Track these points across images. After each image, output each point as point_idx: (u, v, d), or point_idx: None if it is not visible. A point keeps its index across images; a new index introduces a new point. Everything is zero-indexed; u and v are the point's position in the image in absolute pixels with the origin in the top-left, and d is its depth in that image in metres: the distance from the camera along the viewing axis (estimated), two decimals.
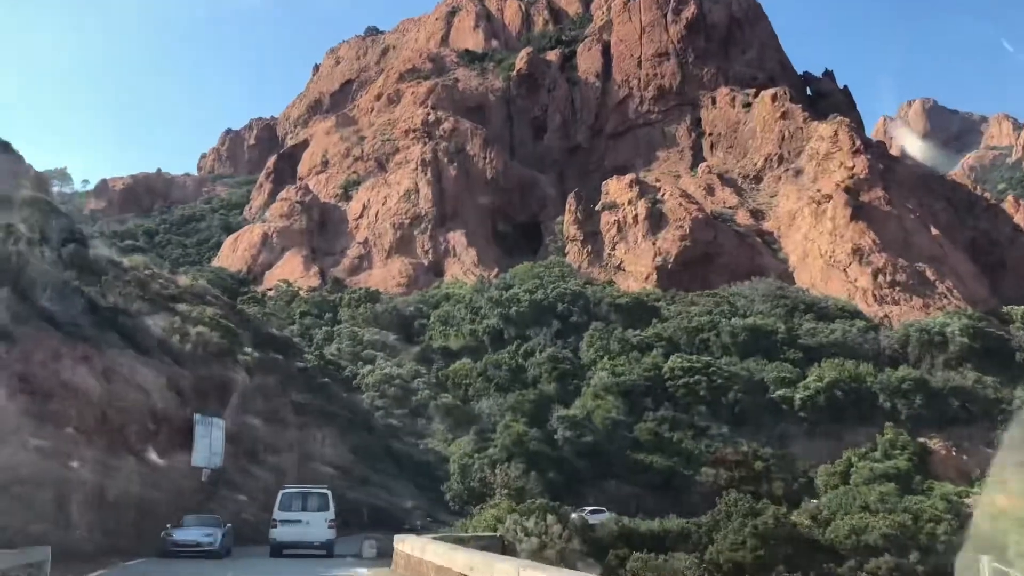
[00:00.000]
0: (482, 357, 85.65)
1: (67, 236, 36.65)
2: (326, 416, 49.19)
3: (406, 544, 15.03)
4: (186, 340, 35.36)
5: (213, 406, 33.47)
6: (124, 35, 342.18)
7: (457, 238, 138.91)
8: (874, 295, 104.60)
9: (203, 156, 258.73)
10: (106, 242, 68.46)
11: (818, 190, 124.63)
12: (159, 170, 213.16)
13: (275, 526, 26.76)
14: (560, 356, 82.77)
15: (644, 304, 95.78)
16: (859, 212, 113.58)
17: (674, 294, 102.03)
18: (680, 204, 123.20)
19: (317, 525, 27.10)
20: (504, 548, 24.21)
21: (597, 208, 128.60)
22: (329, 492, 29.12)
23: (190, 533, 26.47)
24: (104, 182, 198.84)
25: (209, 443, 33.29)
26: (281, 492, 28.29)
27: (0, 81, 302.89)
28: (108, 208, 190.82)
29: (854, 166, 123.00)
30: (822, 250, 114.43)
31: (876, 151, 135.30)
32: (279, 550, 26.74)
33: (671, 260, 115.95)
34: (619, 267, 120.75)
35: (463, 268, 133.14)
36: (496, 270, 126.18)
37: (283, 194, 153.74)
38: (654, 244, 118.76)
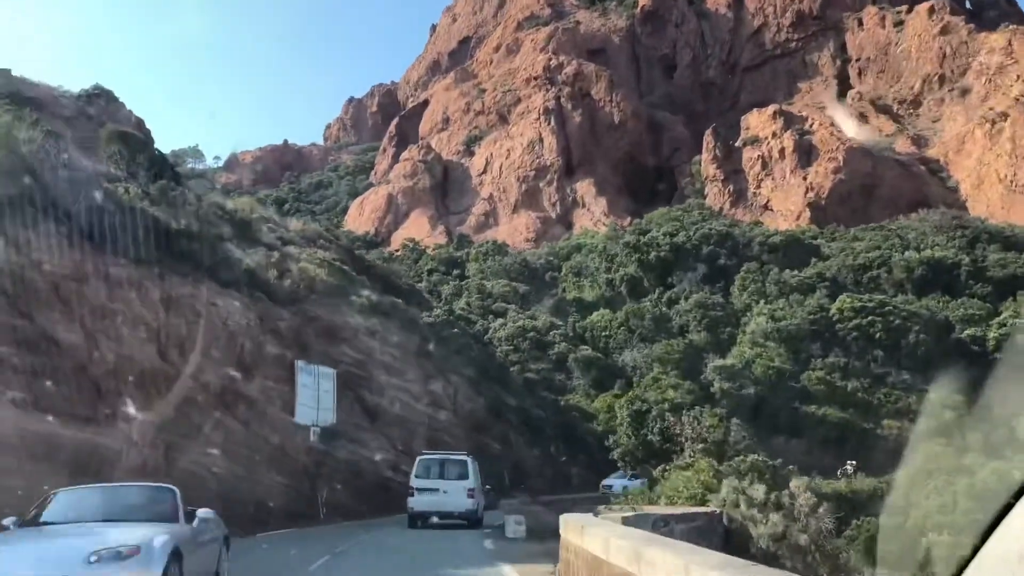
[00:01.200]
0: (620, 308, 78.64)
1: (158, 173, 32.23)
2: (457, 369, 43.72)
3: (587, 536, 8.43)
4: (286, 277, 30.29)
5: (319, 355, 28.27)
6: (249, 10, 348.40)
7: (585, 188, 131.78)
8: None
9: (328, 127, 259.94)
10: (218, 192, 65.02)
11: (991, 108, 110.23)
12: (286, 142, 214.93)
13: (412, 494, 25.38)
14: (709, 302, 74.70)
15: (800, 242, 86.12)
16: None
17: (833, 230, 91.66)
18: (831, 134, 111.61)
19: (456, 494, 25.05)
20: (729, 532, 17.81)
21: (737, 144, 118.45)
22: (469, 459, 26.80)
23: None
24: (234, 156, 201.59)
25: (316, 395, 28.08)
26: (418, 459, 26.78)
27: (131, 61, 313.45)
28: (239, 181, 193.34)
29: None
30: (1001, 174, 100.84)
31: None
32: (415, 520, 25.25)
33: (824, 195, 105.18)
34: (766, 207, 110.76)
35: (593, 219, 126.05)
36: (628, 219, 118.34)
37: (405, 154, 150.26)
38: (804, 179, 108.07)
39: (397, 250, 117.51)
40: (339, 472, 27.52)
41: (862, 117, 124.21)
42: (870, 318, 68.13)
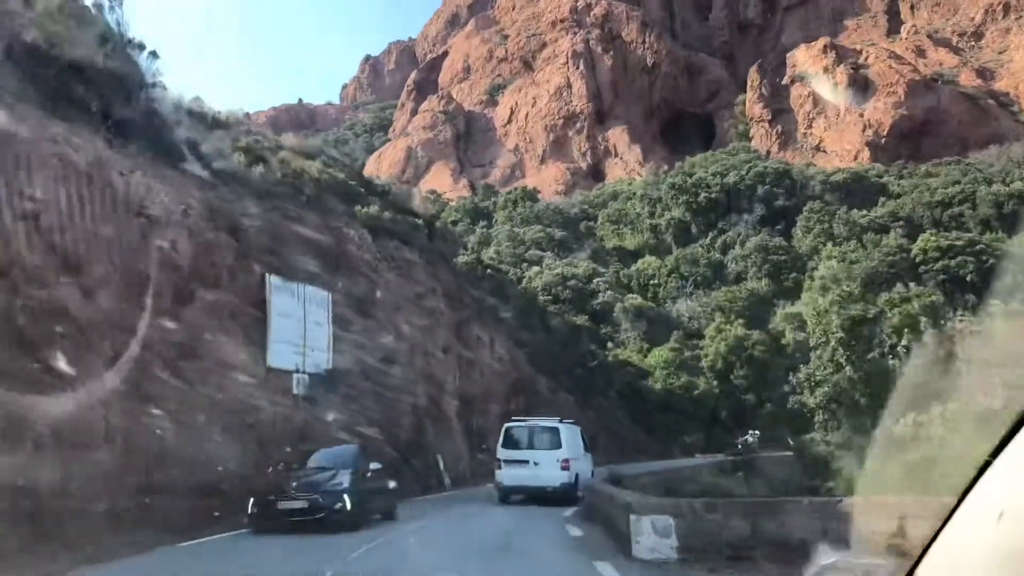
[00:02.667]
0: (666, 256, 70.44)
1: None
2: (492, 315, 35.91)
3: None
4: (257, 164, 22.24)
5: (306, 277, 20.15)
6: None
7: (618, 135, 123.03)
8: None
9: (344, 87, 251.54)
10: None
11: None
12: (300, 100, 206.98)
13: (499, 467, 22.58)
14: (771, 245, 66.24)
15: (866, 180, 77.17)
16: None
17: (901, 167, 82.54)
18: (890, 67, 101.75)
19: (548, 467, 21.82)
20: None
21: (785, 82, 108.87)
22: (563, 425, 23.13)
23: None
24: (247, 115, 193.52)
25: (302, 329, 20.12)
26: (505, 426, 23.68)
27: (144, 19, 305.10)
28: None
29: None
30: None
31: None
32: (506, 496, 22.41)
33: (884, 133, 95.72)
34: (818, 147, 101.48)
35: (626, 168, 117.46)
36: (666, 168, 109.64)
37: (425, 106, 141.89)
38: (861, 116, 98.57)
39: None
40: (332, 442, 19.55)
41: (919, 52, 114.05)
42: (959, 258, 59.48)
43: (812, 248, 66.62)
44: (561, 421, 23.43)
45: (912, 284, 60.03)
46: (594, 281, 62.28)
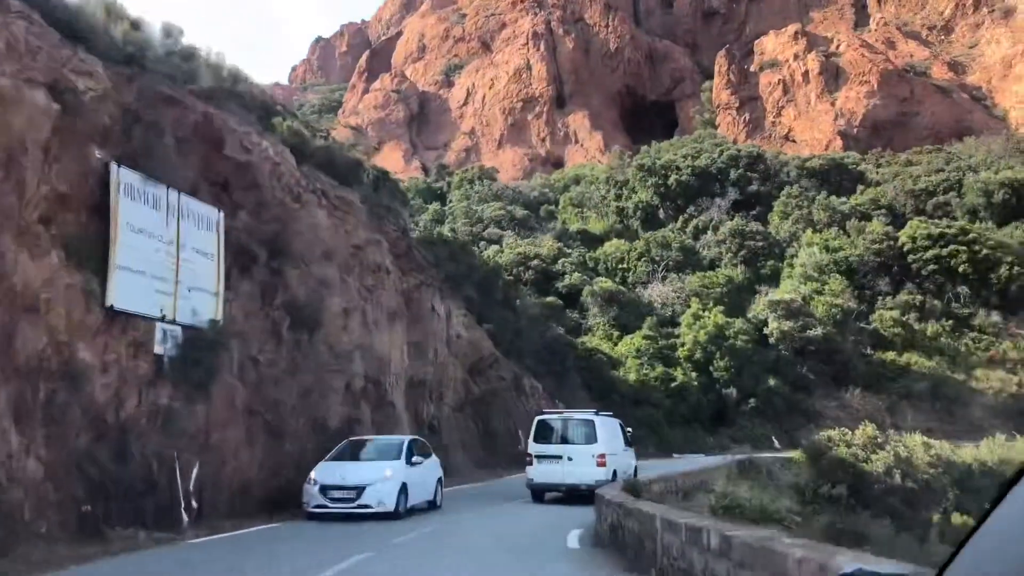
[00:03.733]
0: (634, 240, 65.20)
1: None
2: (452, 283, 29.91)
3: None
4: (121, 24, 15.60)
5: (181, 184, 13.66)
6: None
7: (579, 121, 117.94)
8: None
9: (293, 69, 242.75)
10: None
11: None
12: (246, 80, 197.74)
13: (530, 463, 20.85)
14: (747, 231, 61.41)
15: (842, 166, 72.88)
16: None
17: (879, 154, 78.63)
18: (863, 55, 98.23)
19: (583, 463, 19.98)
20: None
21: (754, 69, 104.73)
22: (598, 418, 21.14)
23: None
24: None
25: (173, 259, 13.97)
26: (536, 419, 22.05)
27: None
28: None
29: None
30: None
31: None
32: (539, 494, 20.83)
33: (857, 122, 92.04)
34: (787, 136, 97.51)
35: (587, 155, 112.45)
36: (629, 154, 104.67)
37: (376, 84, 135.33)
38: (833, 105, 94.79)
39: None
40: (229, 446, 13.32)
41: (890, 43, 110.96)
42: (951, 247, 55.31)
43: (791, 234, 62.00)
44: (597, 413, 21.78)
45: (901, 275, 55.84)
46: (559, 262, 56.72)
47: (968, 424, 47.09)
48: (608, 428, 21.39)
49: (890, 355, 50.03)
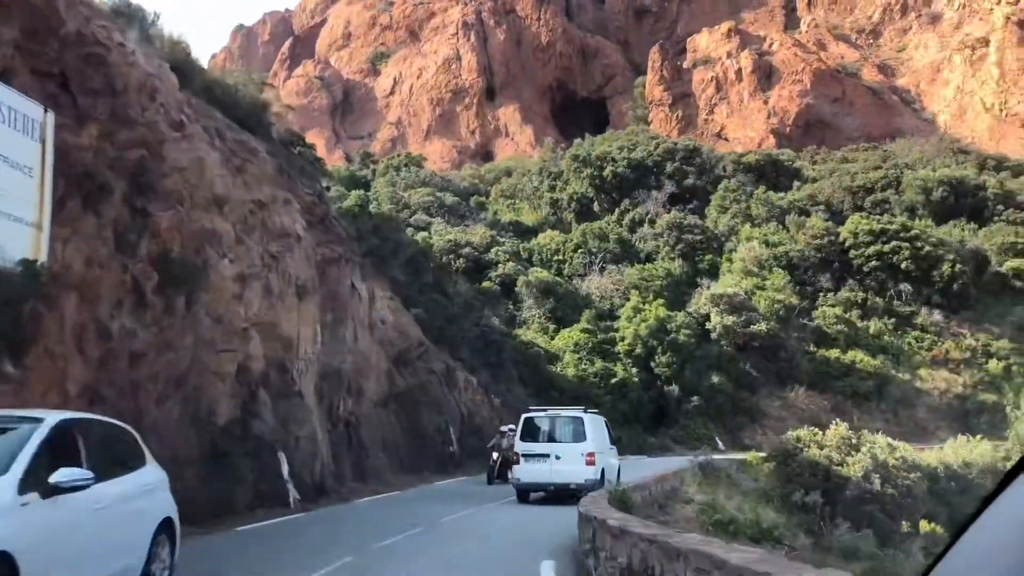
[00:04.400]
0: (569, 232, 62.38)
1: None
2: (376, 261, 26.16)
3: None
4: None
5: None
6: None
7: (509, 114, 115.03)
8: None
9: (213, 57, 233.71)
10: None
11: (968, 34, 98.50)
12: None
13: (516, 461, 20.25)
14: (685, 223, 59.10)
15: (779, 163, 71.43)
16: None
17: (814, 151, 77.62)
18: (795, 55, 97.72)
19: (571, 462, 19.30)
20: None
21: (687, 66, 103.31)
22: (587, 415, 20.41)
23: None
24: None
25: None
26: (523, 416, 21.26)
27: None
28: None
29: None
30: (987, 103, 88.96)
31: None
32: (524, 494, 20.22)
33: (789, 121, 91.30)
34: (719, 134, 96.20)
35: (517, 149, 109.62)
36: (562, 146, 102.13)
37: (299, 71, 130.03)
38: (766, 104, 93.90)
39: None
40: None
41: (820, 45, 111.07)
42: (893, 244, 53.91)
43: (729, 228, 59.95)
44: (585, 411, 21.32)
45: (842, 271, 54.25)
46: (493, 251, 53.34)
47: (913, 425, 45.50)
48: (595, 426, 20.84)
49: (834, 353, 48.20)
